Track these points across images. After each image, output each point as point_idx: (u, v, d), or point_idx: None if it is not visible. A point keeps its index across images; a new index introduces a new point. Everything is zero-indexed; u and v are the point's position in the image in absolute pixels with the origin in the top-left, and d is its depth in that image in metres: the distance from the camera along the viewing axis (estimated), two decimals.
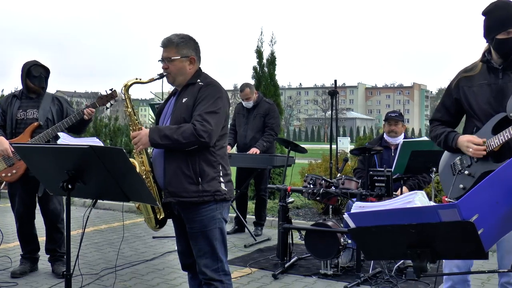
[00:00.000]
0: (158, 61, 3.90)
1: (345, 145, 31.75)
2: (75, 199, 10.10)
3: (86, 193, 3.64)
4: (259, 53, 11.60)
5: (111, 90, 5.73)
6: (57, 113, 5.86)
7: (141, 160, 3.86)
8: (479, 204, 2.01)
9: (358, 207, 2.27)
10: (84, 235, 3.64)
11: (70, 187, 3.33)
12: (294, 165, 7.66)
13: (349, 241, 5.93)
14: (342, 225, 6.07)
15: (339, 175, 6.45)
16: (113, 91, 5.73)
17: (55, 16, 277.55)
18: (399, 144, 6.34)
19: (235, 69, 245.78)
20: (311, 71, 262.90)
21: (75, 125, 5.71)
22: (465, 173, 3.56)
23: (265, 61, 11.60)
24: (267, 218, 8.49)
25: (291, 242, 6.32)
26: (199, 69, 3.95)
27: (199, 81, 3.84)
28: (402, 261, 5.92)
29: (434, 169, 5.95)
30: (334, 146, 8.31)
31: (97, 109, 5.74)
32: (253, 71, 11.59)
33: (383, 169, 5.88)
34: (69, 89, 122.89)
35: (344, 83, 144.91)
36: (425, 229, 2.07)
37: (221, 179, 3.80)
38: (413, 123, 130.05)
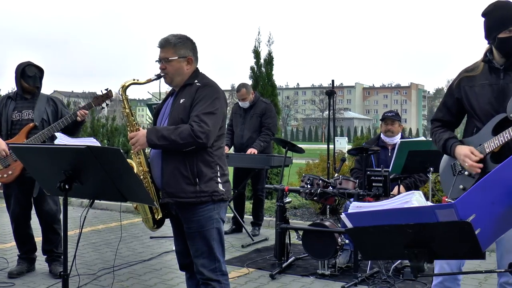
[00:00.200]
0: (155, 61, 3.90)
1: (343, 145, 31.76)
2: (72, 199, 10.09)
3: (83, 193, 3.65)
4: (257, 53, 11.59)
5: (106, 90, 5.73)
6: (52, 113, 5.85)
7: (139, 160, 3.85)
8: (476, 204, 2.01)
9: (355, 207, 2.27)
10: (81, 235, 3.63)
11: (67, 187, 3.33)
12: (291, 165, 7.64)
13: (347, 241, 5.93)
14: (339, 225, 6.07)
15: (336, 175, 6.44)
16: (109, 91, 5.72)
17: (53, 16, 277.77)
18: (396, 144, 6.35)
19: (233, 69, 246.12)
20: (308, 71, 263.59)
21: (69, 127, 5.70)
22: (465, 173, 3.56)
23: (262, 61, 11.59)
24: (265, 218, 8.48)
25: (288, 242, 6.32)
26: (197, 69, 3.95)
27: (196, 81, 3.84)
28: (399, 261, 5.92)
29: (431, 169, 5.95)
30: (331, 146, 8.31)
31: (94, 109, 5.74)
32: (250, 71, 11.58)
33: (380, 169, 5.89)
34: (67, 89, 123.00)
35: (341, 83, 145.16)
36: (422, 229, 2.07)
37: (219, 180, 3.80)
38: (411, 123, 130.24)
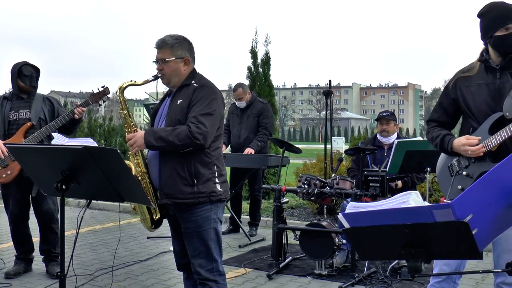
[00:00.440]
0: (152, 62, 3.90)
1: (340, 145, 31.80)
2: (69, 200, 10.08)
3: (80, 194, 3.64)
4: (254, 53, 11.61)
5: (103, 87, 5.73)
6: (49, 113, 5.85)
7: (137, 161, 3.85)
8: (473, 204, 2.01)
9: (352, 207, 2.26)
10: (78, 235, 3.64)
11: (64, 187, 3.32)
12: (288, 165, 7.66)
13: (344, 241, 5.93)
14: (336, 225, 6.07)
15: (333, 175, 6.45)
16: (105, 88, 5.71)
17: (49, 15, 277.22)
18: (392, 143, 6.35)
19: (230, 69, 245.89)
20: (305, 71, 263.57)
21: (66, 125, 5.70)
22: (463, 174, 3.55)
23: (259, 61, 11.61)
24: (262, 218, 8.49)
25: (285, 242, 6.32)
26: (194, 69, 3.95)
27: (193, 82, 3.84)
28: (396, 261, 5.92)
29: (428, 169, 5.96)
30: (328, 146, 8.31)
31: (91, 108, 5.74)
32: (247, 71, 11.59)
33: (377, 169, 5.89)
34: (64, 89, 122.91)
35: (338, 83, 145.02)
36: (419, 229, 2.06)
37: (216, 180, 3.80)
38: (408, 123, 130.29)
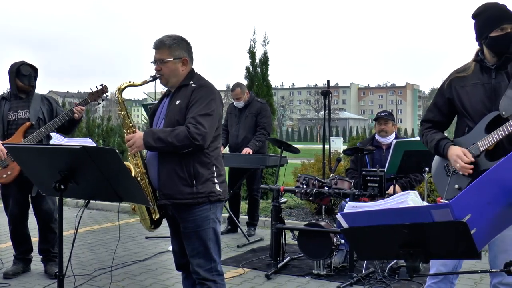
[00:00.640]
0: (150, 62, 3.90)
1: (338, 145, 31.78)
2: (68, 200, 10.07)
3: (78, 194, 3.64)
4: (252, 53, 11.60)
5: (101, 85, 5.73)
6: (47, 112, 5.85)
7: (136, 162, 3.86)
8: (471, 204, 2.01)
9: (351, 207, 2.26)
10: (76, 235, 3.64)
11: (62, 187, 3.32)
12: (287, 165, 7.66)
13: (342, 241, 5.94)
14: (335, 225, 6.07)
15: (332, 175, 6.45)
16: (104, 86, 5.72)
17: (47, 15, 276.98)
18: (390, 143, 6.35)
19: (228, 69, 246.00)
20: (304, 71, 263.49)
21: (65, 125, 5.70)
22: (460, 173, 3.56)
23: (257, 61, 11.60)
24: (260, 218, 8.49)
25: (284, 242, 6.32)
26: (192, 70, 3.95)
27: (192, 82, 3.84)
28: (395, 261, 5.93)
29: (426, 168, 5.96)
30: (327, 146, 8.31)
31: (90, 108, 5.74)
32: (245, 71, 11.59)
33: (376, 169, 5.89)
34: (62, 89, 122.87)
35: (336, 83, 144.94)
36: (418, 229, 2.06)
37: (215, 180, 3.80)
38: (406, 123, 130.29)
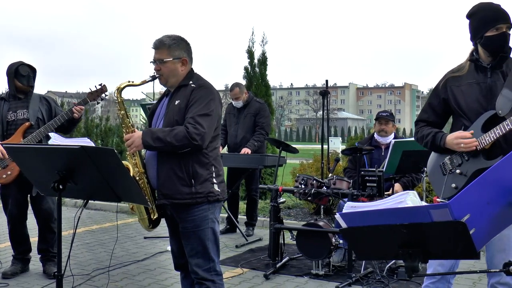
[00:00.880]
0: (150, 62, 3.90)
1: (337, 145, 31.71)
2: (66, 200, 10.07)
3: (77, 194, 3.64)
4: (250, 53, 11.59)
5: (100, 85, 5.74)
6: (46, 112, 5.86)
7: (135, 162, 3.85)
8: (470, 204, 2.01)
9: (349, 207, 2.26)
10: (75, 235, 3.63)
11: (61, 187, 3.32)
12: (285, 165, 7.65)
13: (341, 241, 5.94)
14: (333, 225, 6.07)
15: (330, 175, 6.45)
16: (103, 85, 5.73)
17: (45, 14, 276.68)
18: (389, 143, 6.35)
19: (227, 70, 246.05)
20: (302, 71, 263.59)
21: (65, 125, 5.70)
22: (457, 172, 3.53)
23: (256, 61, 11.59)
24: (259, 218, 8.48)
25: (282, 242, 6.32)
26: (191, 70, 3.95)
27: (191, 82, 3.84)
28: (393, 261, 5.93)
29: (425, 169, 5.96)
30: (325, 146, 8.31)
31: (88, 108, 5.75)
32: (244, 71, 11.58)
33: (374, 169, 5.89)
34: (60, 89, 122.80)
35: (335, 83, 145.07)
36: (416, 229, 2.06)
37: (214, 180, 3.80)
38: (404, 123, 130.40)
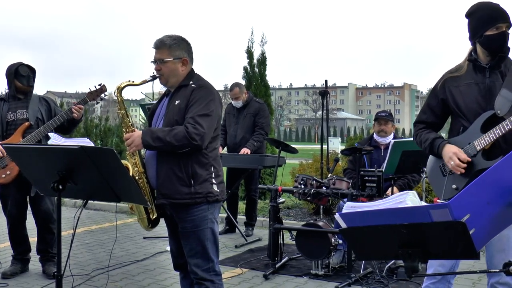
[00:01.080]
0: (150, 62, 3.91)
1: (336, 145, 31.71)
2: (66, 200, 10.06)
3: (77, 194, 3.64)
4: (250, 53, 11.58)
5: (100, 84, 5.74)
6: (46, 112, 5.86)
7: (134, 161, 3.86)
8: (470, 204, 2.01)
9: (349, 207, 2.26)
10: (75, 235, 3.63)
11: (60, 187, 3.32)
12: (285, 165, 7.65)
13: (340, 242, 5.93)
14: (333, 225, 6.07)
15: (330, 175, 6.45)
16: (102, 85, 5.74)
17: (44, 14, 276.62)
18: (388, 143, 6.35)
19: (226, 70, 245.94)
20: (301, 71, 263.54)
21: (64, 125, 5.70)
22: (458, 173, 3.54)
23: (255, 61, 11.58)
24: (258, 218, 8.48)
25: (282, 242, 6.31)
26: (192, 70, 3.95)
27: (191, 83, 3.84)
28: (393, 262, 5.93)
29: (424, 169, 5.96)
30: (325, 146, 8.31)
31: (88, 108, 5.75)
32: (243, 71, 11.57)
33: (374, 169, 5.89)
34: (60, 90, 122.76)
35: (334, 83, 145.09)
36: (416, 229, 2.06)
37: (213, 181, 3.80)
38: (404, 123, 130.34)
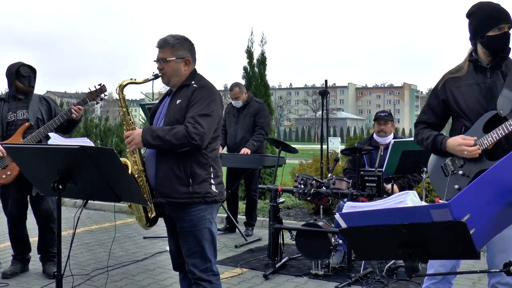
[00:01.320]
0: (153, 61, 3.91)
1: (336, 145, 31.71)
2: (66, 200, 10.06)
3: (77, 194, 3.64)
4: (250, 53, 11.58)
5: (99, 85, 5.74)
6: (46, 112, 5.85)
7: (134, 159, 3.86)
8: (471, 204, 2.01)
9: (349, 207, 2.26)
10: (75, 235, 3.63)
11: (61, 187, 3.32)
12: (284, 165, 7.65)
13: (340, 241, 5.93)
14: (333, 225, 6.07)
15: (330, 175, 6.45)
16: (102, 85, 5.74)
17: (43, 14, 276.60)
18: (388, 143, 6.35)
19: (226, 69, 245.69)
20: (301, 71, 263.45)
21: (64, 125, 5.70)
22: (459, 173, 3.52)
23: (255, 61, 11.58)
24: (258, 218, 8.48)
25: (282, 242, 6.31)
26: (194, 70, 3.95)
27: (193, 83, 3.84)
28: (393, 261, 5.93)
29: (424, 169, 5.96)
30: (324, 146, 8.32)
31: (88, 108, 5.75)
32: (243, 71, 11.57)
33: (374, 169, 5.89)
34: (60, 90, 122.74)
35: (334, 83, 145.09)
36: (416, 229, 2.06)
37: (212, 181, 3.80)
38: (403, 123, 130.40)
